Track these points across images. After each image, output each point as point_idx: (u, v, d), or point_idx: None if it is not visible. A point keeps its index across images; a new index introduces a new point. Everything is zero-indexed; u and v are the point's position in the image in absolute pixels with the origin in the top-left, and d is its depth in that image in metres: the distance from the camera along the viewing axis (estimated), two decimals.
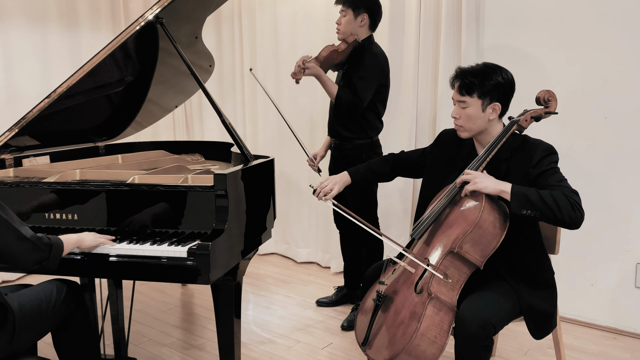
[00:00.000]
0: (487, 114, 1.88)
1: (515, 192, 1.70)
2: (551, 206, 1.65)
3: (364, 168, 2.23)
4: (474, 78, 1.85)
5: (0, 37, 3.56)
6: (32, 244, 1.55)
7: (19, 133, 2.40)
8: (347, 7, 2.66)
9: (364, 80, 2.62)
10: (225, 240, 1.83)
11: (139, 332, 2.80)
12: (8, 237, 1.49)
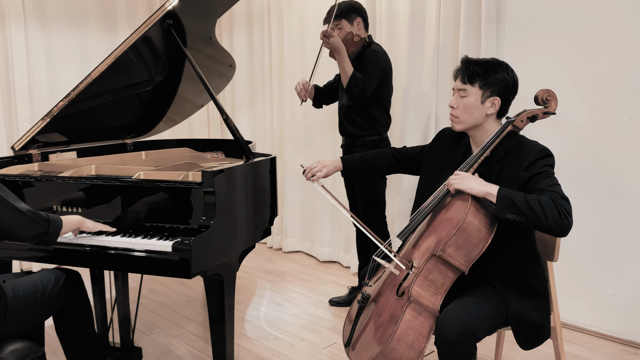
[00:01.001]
0: (486, 107, 1.83)
1: (501, 195, 1.64)
2: (537, 212, 1.58)
3: (358, 158, 2.21)
4: (479, 67, 1.81)
5: (43, 39, 3.81)
6: (29, 218, 1.65)
7: (45, 129, 2.54)
8: (339, 19, 2.77)
9: (367, 72, 2.69)
10: (211, 236, 1.88)
11: (153, 322, 2.92)
12: (5, 212, 1.59)
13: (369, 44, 2.82)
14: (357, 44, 2.77)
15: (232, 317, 2.13)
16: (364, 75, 2.69)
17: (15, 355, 1.59)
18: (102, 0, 4.12)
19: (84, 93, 2.44)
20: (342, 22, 2.77)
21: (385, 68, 2.77)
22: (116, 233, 1.99)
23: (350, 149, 2.88)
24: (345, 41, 2.73)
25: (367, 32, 2.89)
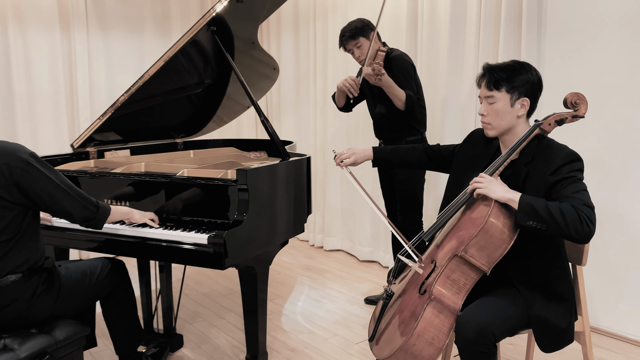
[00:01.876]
0: (516, 109, 1.83)
1: (523, 202, 1.66)
2: (558, 219, 1.59)
3: (390, 150, 2.24)
4: (502, 72, 1.82)
5: (103, 44, 4.08)
6: (81, 202, 1.82)
7: (101, 129, 2.75)
8: (357, 38, 2.83)
9: (405, 79, 2.76)
10: (244, 231, 2.00)
11: (196, 312, 3.08)
12: (61, 194, 1.76)
13: (391, 52, 2.88)
14: (381, 57, 2.82)
15: (265, 310, 2.24)
16: (406, 86, 2.76)
17: (65, 333, 1.76)
18: (158, 7, 4.36)
19: (136, 95, 2.61)
20: (360, 40, 2.83)
21: (413, 68, 2.87)
22: (159, 225, 2.15)
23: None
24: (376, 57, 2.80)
25: (381, 41, 2.95)
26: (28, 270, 1.74)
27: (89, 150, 2.89)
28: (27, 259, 1.74)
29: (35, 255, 1.78)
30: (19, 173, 1.67)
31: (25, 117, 3.77)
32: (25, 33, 3.73)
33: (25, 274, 1.73)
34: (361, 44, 2.84)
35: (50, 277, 1.82)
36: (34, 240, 1.78)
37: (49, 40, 3.83)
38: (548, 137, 1.86)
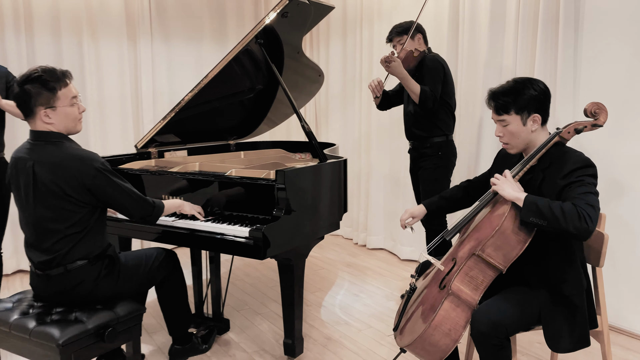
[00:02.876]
0: (529, 126, 1.94)
1: (528, 200, 1.77)
2: (557, 215, 1.70)
3: (438, 198, 2.34)
4: (507, 97, 1.92)
5: (165, 53, 4.43)
6: (139, 204, 2.10)
7: (162, 131, 3.05)
8: (401, 35, 3.03)
9: (430, 79, 2.93)
10: (281, 226, 2.21)
11: (243, 300, 3.34)
12: (121, 196, 2.04)
13: (427, 54, 3.03)
14: (416, 58, 3.01)
15: (301, 299, 2.45)
16: (428, 83, 2.92)
17: (125, 310, 2.04)
18: (215, 18, 4.67)
19: (193, 101, 2.88)
20: (403, 38, 3.02)
21: (443, 71, 2.97)
22: (207, 219, 2.40)
23: (417, 151, 3.13)
24: (406, 59, 2.99)
25: (427, 46, 3.12)
26: (93, 257, 2.03)
27: (151, 150, 3.20)
28: (93, 248, 2.03)
29: (100, 245, 2.06)
30: (89, 179, 1.95)
31: (96, 119, 4.17)
32: (97, 43, 4.13)
33: (91, 260, 2.02)
34: (404, 42, 3.02)
35: (112, 263, 2.10)
36: (100, 232, 2.07)
37: (117, 50, 4.21)
38: (567, 145, 1.96)
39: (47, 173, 1.93)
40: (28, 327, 1.90)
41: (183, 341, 2.52)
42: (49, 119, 1.96)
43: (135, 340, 2.10)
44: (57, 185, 1.92)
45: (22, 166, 1.98)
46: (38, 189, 1.95)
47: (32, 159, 1.96)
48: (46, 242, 1.98)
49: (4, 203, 2.80)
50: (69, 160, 1.94)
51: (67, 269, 1.97)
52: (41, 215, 1.97)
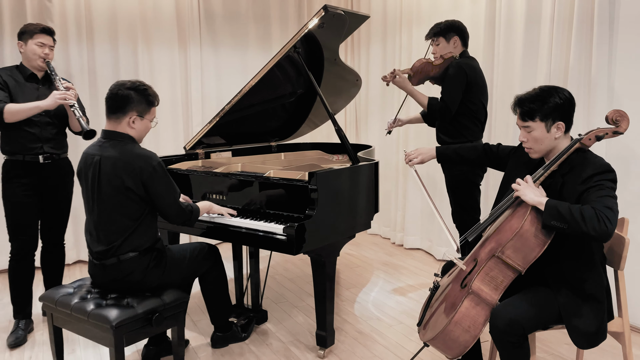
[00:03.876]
0: (552, 133, 2.01)
1: (549, 204, 1.85)
2: (577, 219, 1.77)
3: (452, 150, 2.47)
4: (533, 104, 1.99)
5: (213, 59, 4.68)
6: (181, 209, 2.32)
7: (208, 133, 3.26)
8: (437, 37, 3.03)
9: (446, 86, 2.94)
10: (312, 224, 2.37)
11: (281, 294, 3.52)
12: (168, 199, 2.27)
13: (455, 60, 2.98)
14: (438, 66, 3.00)
15: (332, 292, 2.60)
16: (444, 89, 2.93)
17: (171, 298, 2.25)
18: (260, 24, 4.88)
19: (237, 105, 3.08)
20: (439, 39, 3.04)
21: (466, 80, 2.90)
22: (246, 217, 2.59)
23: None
24: (422, 68, 3.01)
25: (464, 48, 3.06)
26: (143, 250, 2.26)
27: (198, 152, 3.43)
28: (143, 241, 2.26)
29: (151, 239, 2.29)
30: (147, 175, 2.19)
31: None
32: (151, 50, 4.42)
33: (141, 252, 2.24)
34: (439, 43, 3.04)
35: (160, 255, 2.33)
36: (151, 227, 2.30)
37: (169, 56, 4.49)
38: (589, 150, 2.02)
39: (110, 167, 2.19)
40: (86, 310, 2.15)
41: (224, 329, 2.72)
42: (134, 124, 2.27)
43: (179, 326, 2.31)
44: (119, 178, 2.18)
45: (90, 161, 2.26)
46: (101, 182, 2.21)
47: (100, 154, 2.23)
48: (104, 233, 2.22)
49: (68, 199, 3.09)
50: (131, 157, 2.19)
51: (119, 260, 2.20)
52: (102, 207, 2.22)
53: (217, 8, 4.67)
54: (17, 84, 2.85)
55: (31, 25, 2.89)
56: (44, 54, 2.87)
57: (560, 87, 2.03)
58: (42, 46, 2.87)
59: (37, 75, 2.92)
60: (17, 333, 2.88)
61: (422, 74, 3.06)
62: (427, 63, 3.04)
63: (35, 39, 2.85)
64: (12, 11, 3.89)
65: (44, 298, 2.33)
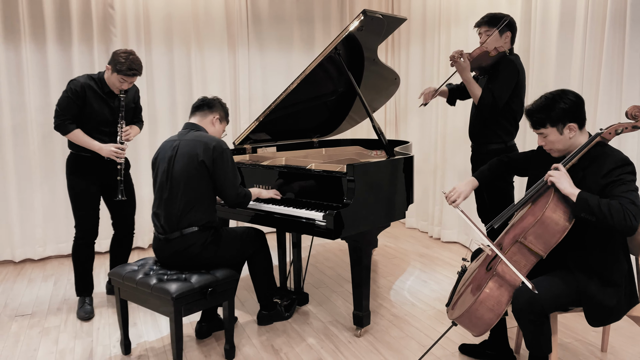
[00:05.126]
0: (566, 134, 2.15)
1: (580, 197, 2.00)
2: (605, 213, 1.92)
3: (487, 171, 2.57)
4: (540, 114, 2.15)
5: (260, 60, 4.97)
6: (238, 191, 2.62)
7: (255, 130, 3.53)
8: (491, 27, 2.96)
9: (500, 81, 2.90)
10: (349, 212, 2.58)
11: (322, 280, 3.76)
12: (229, 181, 2.58)
13: (507, 54, 2.97)
14: (493, 58, 2.94)
15: (368, 276, 2.81)
16: (496, 84, 2.90)
17: (223, 275, 2.52)
18: (304, 26, 5.13)
19: (281, 104, 3.32)
20: (492, 30, 2.94)
21: (517, 77, 2.92)
22: (289, 205, 2.84)
23: (476, 155, 3.16)
24: (479, 57, 2.96)
25: (512, 46, 3.04)
26: (203, 225, 2.54)
27: (246, 147, 3.70)
28: (203, 217, 2.55)
29: (209, 216, 2.59)
30: (218, 154, 2.54)
31: None
32: (203, 52, 4.74)
33: (201, 228, 2.54)
34: (492, 34, 2.94)
35: (217, 232, 2.61)
36: (211, 206, 2.61)
37: (219, 57, 4.80)
38: (608, 144, 2.15)
39: (187, 145, 2.58)
40: (150, 284, 2.44)
41: (269, 308, 2.98)
42: (215, 124, 2.78)
43: (230, 302, 2.58)
44: (195, 153, 2.54)
45: (169, 146, 2.63)
46: (177, 159, 2.57)
47: (179, 139, 2.63)
48: (172, 207, 2.54)
49: (130, 191, 3.39)
50: (207, 138, 2.59)
51: (182, 233, 2.50)
52: (174, 182, 2.55)
53: (263, 11, 4.95)
54: (95, 97, 3.11)
55: (123, 63, 3.03)
56: (121, 88, 3.12)
57: (567, 89, 2.17)
58: (123, 82, 3.09)
59: (114, 93, 3.17)
60: (86, 308, 3.22)
61: (477, 62, 3.00)
62: (485, 52, 2.95)
63: (120, 74, 3.05)
64: (80, 17, 4.29)
65: (112, 274, 2.64)
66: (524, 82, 3.03)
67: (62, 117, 3.07)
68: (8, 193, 4.22)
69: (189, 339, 2.86)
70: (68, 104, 3.06)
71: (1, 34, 4.08)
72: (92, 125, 3.13)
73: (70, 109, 3.06)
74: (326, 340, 2.82)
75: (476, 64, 3.05)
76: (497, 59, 2.97)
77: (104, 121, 3.16)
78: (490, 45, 2.96)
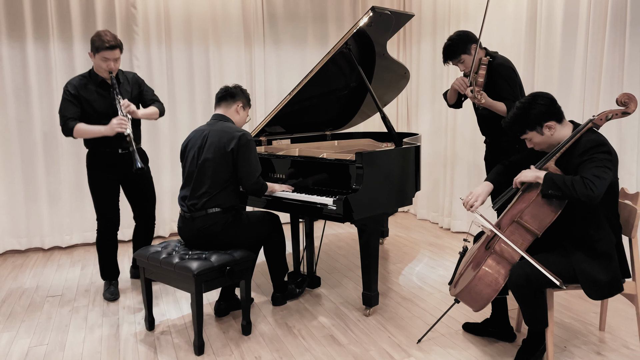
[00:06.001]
0: (547, 133, 2.32)
1: (546, 177, 2.19)
2: (569, 186, 2.11)
3: (497, 175, 2.64)
4: (515, 125, 2.34)
5: (275, 57, 5.15)
6: (258, 181, 2.80)
7: (270, 123, 3.71)
8: (458, 57, 3.07)
9: (508, 86, 3.01)
10: (358, 197, 2.75)
11: (334, 266, 3.93)
12: (249, 170, 2.76)
13: (493, 58, 3.05)
14: (486, 73, 3.00)
15: (376, 259, 2.97)
16: (508, 93, 2.97)
17: (240, 255, 2.71)
18: (318, 25, 5.30)
19: (294, 98, 3.50)
20: (462, 57, 3.06)
21: (514, 72, 3.05)
22: (301, 192, 3.01)
23: (492, 145, 3.26)
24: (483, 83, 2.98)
25: (485, 49, 3.11)
26: (226, 207, 2.75)
27: (261, 139, 3.89)
28: (226, 200, 2.75)
29: (233, 200, 2.79)
30: (243, 142, 2.73)
31: None
32: (220, 49, 4.94)
33: (224, 209, 2.74)
34: (463, 60, 3.05)
35: (238, 214, 2.81)
36: (234, 191, 2.80)
37: (236, 55, 5.00)
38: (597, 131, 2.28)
39: (216, 135, 2.77)
40: (173, 263, 2.64)
41: (282, 289, 3.16)
42: (239, 111, 2.94)
43: (247, 280, 2.76)
44: (223, 142, 2.73)
45: (198, 135, 2.82)
46: (206, 146, 2.76)
47: (209, 129, 2.82)
48: (199, 190, 2.73)
49: (151, 185, 3.55)
50: (234, 129, 2.79)
51: (207, 213, 2.70)
52: (202, 169, 2.74)
53: (278, 10, 5.13)
54: (89, 92, 3.20)
55: (96, 41, 3.10)
56: (108, 68, 3.15)
57: (537, 94, 2.33)
58: (107, 60, 3.12)
59: (107, 82, 3.23)
60: (111, 289, 3.44)
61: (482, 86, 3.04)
62: (482, 74, 2.99)
63: (100, 54, 3.11)
64: (104, 17, 4.51)
65: (137, 255, 2.85)
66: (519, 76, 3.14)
67: (63, 118, 3.17)
68: (38, 185, 4.47)
69: (209, 317, 3.05)
70: (66, 106, 3.18)
71: (32, 34, 4.32)
72: (94, 119, 3.21)
73: (69, 109, 3.17)
74: (337, 319, 2.99)
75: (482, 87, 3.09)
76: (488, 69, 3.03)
77: (104, 113, 3.22)
78: (475, 65, 2.99)
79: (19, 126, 4.38)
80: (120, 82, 3.32)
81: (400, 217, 5.60)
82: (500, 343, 2.66)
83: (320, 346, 2.68)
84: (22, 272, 3.99)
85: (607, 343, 2.64)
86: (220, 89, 2.96)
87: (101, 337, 2.84)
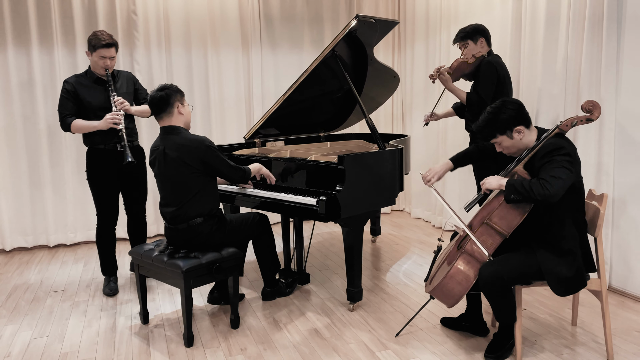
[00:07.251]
0: (516, 137, 2.43)
1: (508, 183, 2.32)
2: (527, 189, 2.23)
3: (462, 155, 2.83)
4: (487, 128, 2.45)
5: (272, 60, 5.29)
6: (234, 169, 2.93)
7: (264, 125, 3.85)
8: (465, 40, 3.41)
9: (482, 82, 3.32)
10: (340, 197, 2.88)
11: (325, 263, 4.07)
12: (225, 167, 2.87)
13: (485, 58, 3.36)
14: (473, 64, 3.38)
15: (359, 257, 3.10)
16: (480, 84, 3.31)
17: (228, 253, 2.86)
18: (314, 28, 5.42)
19: (288, 100, 3.61)
20: (468, 42, 3.43)
21: (498, 75, 3.27)
22: (288, 192, 3.15)
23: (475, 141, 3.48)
24: (459, 68, 3.40)
25: (489, 48, 3.44)
26: (207, 215, 2.87)
27: (256, 141, 4.03)
28: (206, 207, 2.86)
29: (212, 207, 2.90)
30: (203, 152, 2.79)
31: (217, 116, 5.15)
32: (219, 53, 5.09)
33: (205, 218, 2.86)
34: (468, 45, 3.44)
35: (220, 221, 2.94)
36: (211, 196, 2.91)
37: (234, 58, 5.15)
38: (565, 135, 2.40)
39: (173, 151, 2.80)
40: (163, 260, 2.79)
41: (272, 284, 3.31)
42: (181, 108, 2.85)
43: (235, 277, 2.91)
44: (180, 159, 2.79)
45: (156, 152, 2.89)
46: (167, 163, 2.83)
47: (163, 145, 2.85)
48: (174, 202, 2.85)
49: (143, 178, 3.71)
50: (188, 142, 2.81)
51: (189, 225, 2.83)
52: (171, 182, 2.85)
53: (275, 13, 5.27)
54: (86, 89, 3.38)
55: (95, 39, 3.29)
56: (105, 65, 3.33)
57: (506, 99, 2.47)
58: (103, 58, 3.31)
59: (103, 79, 3.42)
60: (110, 285, 3.61)
61: (459, 72, 3.45)
62: (463, 62, 3.43)
63: (97, 52, 3.29)
64: (106, 23, 4.68)
65: (132, 252, 3.01)
66: (506, 77, 3.35)
67: (62, 114, 3.36)
68: (43, 184, 4.66)
69: (200, 312, 3.21)
70: (63, 103, 3.36)
71: (37, 40, 4.50)
72: (91, 114, 3.37)
73: (67, 106, 3.35)
74: (322, 314, 3.13)
75: (459, 74, 3.47)
76: (478, 63, 3.38)
77: (100, 107, 3.38)
78: (469, 53, 3.42)
79: (24, 126, 4.57)
80: (116, 79, 3.49)
81: (395, 215, 5.73)
82: (475, 337, 2.79)
83: (304, 339, 2.82)
84: (28, 268, 4.18)
85: (577, 337, 2.75)
86: (150, 99, 2.83)
87: (98, 330, 3.01)
